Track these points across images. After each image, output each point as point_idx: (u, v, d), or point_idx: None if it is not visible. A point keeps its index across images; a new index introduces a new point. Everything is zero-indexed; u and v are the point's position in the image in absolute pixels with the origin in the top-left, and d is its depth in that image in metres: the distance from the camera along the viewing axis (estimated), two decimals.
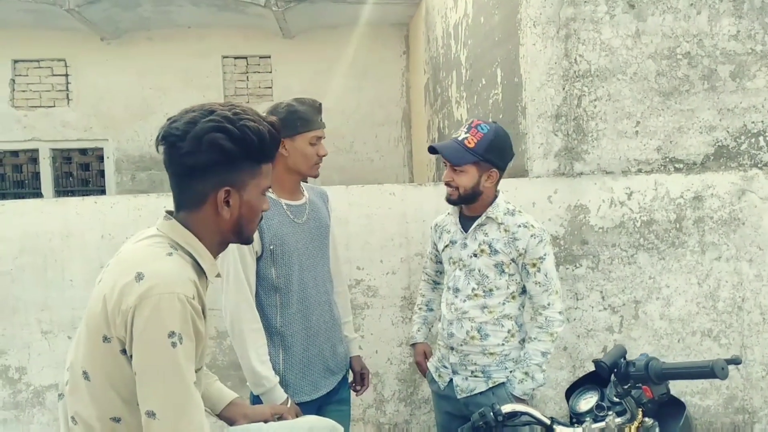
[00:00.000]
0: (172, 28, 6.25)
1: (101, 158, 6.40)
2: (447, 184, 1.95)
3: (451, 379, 2.02)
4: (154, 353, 1.09)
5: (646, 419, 1.39)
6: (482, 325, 1.95)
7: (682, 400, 2.85)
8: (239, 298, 1.73)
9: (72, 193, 6.28)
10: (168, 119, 1.21)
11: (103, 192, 6.29)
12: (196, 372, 1.25)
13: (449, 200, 1.98)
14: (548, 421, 1.47)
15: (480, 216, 1.96)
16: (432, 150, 1.95)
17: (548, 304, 1.93)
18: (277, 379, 1.74)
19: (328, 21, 6.25)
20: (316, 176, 1.91)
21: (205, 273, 1.24)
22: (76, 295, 2.59)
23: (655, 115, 2.84)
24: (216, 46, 6.37)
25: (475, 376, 1.97)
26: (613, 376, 1.34)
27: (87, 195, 5.50)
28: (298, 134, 1.82)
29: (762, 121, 2.89)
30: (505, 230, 1.93)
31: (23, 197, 5.99)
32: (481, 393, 1.96)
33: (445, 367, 2.05)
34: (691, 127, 2.86)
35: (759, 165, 2.89)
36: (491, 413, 1.49)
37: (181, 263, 1.16)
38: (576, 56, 2.80)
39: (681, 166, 2.87)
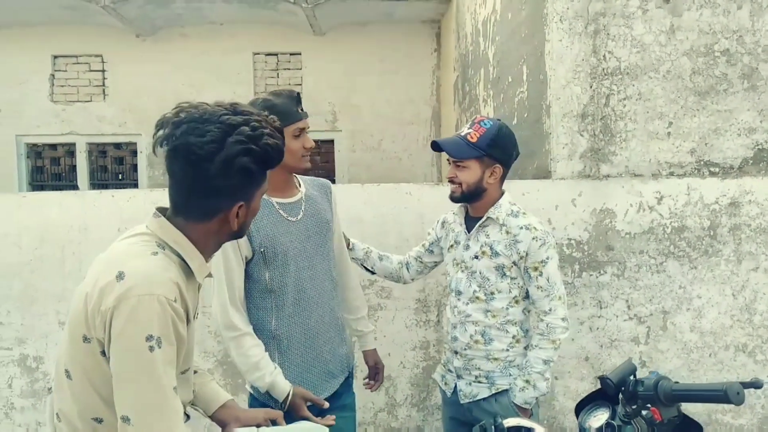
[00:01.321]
0: (205, 25, 6.32)
1: (135, 153, 6.52)
2: (450, 180, 1.91)
3: (456, 384, 1.98)
4: (130, 357, 1.06)
5: None
6: (486, 330, 1.90)
7: (714, 418, 2.70)
8: (224, 304, 1.68)
9: (106, 186, 6.42)
10: (171, 121, 1.16)
11: (136, 185, 6.41)
12: (183, 373, 1.23)
13: (452, 198, 1.94)
14: None
15: (481, 217, 1.92)
16: (435, 146, 1.91)
17: (550, 310, 1.86)
18: (275, 372, 1.69)
19: (359, 18, 6.21)
20: (306, 169, 1.83)
21: (193, 273, 1.21)
22: None
23: (689, 116, 2.69)
24: (247, 43, 6.40)
25: (479, 382, 1.93)
26: (621, 394, 1.24)
27: (120, 188, 5.63)
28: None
29: None
30: (507, 232, 1.88)
31: (61, 189, 6.16)
32: (484, 399, 1.91)
33: (450, 371, 2.02)
34: (729, 129, 2.69)
35: None
36: (492, 427, 1.41)
37: (165, 263, 1.13)
38: (605, 53, 2.67)
39: (717, 169, 2.71)
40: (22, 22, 6.10)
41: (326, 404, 1.72)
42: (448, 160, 1.92)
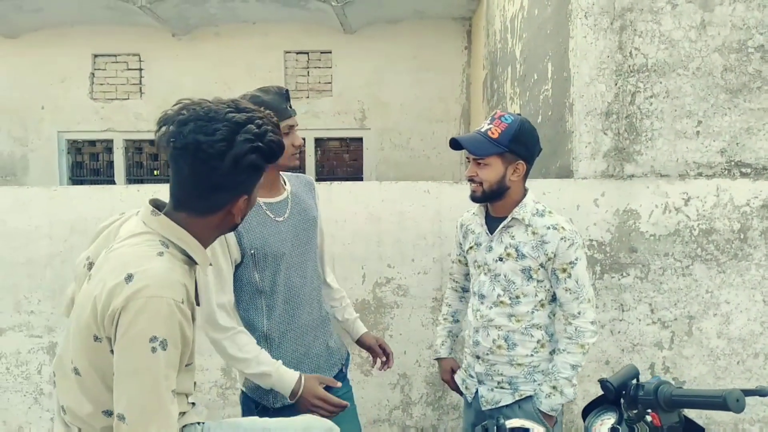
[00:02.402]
0: (238, 24, 6.43)
1: None
2: (470, 179, 1.82)
3: (477, 390, 1.92)
4: (132, 356, 1.07)
5: None
6: (510, 334, 1.83)
7: (740, 428, 2.60)
8: (210, 307, 1.63)
9: (141, 181, 6.61)
10: (176, 119, 1.18)
11: (167, 181, 6.58)
12: (187, 366, 1.25)
13: (473, 197, 1.84)
14: None
15: (506, 217, 1.83)
16: (454, 144, 1.84)
17: (579, 313, 1.79)
18: (277, 364, 1.65)
19: (389, 16, 6.22)
20: (295, 167, 1.83)
21: (194, 265, 1.24)
22: None
23: (719, 115, 2.59)
24: (279, 41, 6.49)
25: (501, 388, 1.86)
26: (622, 399, 1.21)
27: (155, 184, 5.79)
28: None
29: None
30: (533, 232, 1.79)
31: (99, 184, 6.37)
32: (507, 406, 1.84)
33: (471, 377, 1.95)
34: (762, 128, 2.59)
35: None
36: (495, 427, 1.40)
37: (171, 263, 1.15)
38: (631, 49, 2.60)
39: (748, 170, 2.61)
40: (64, 22, 6.33)
41: (339, 384, 1.73)
42: (467, 158, 1.85)
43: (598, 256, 2.58)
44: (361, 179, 6.44)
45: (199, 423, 1.33)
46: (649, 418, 1.14)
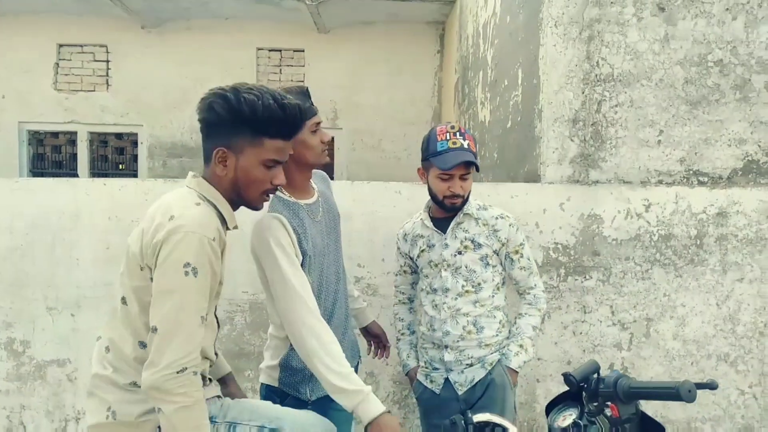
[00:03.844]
0: (210, 19, 6.35)
1: (135, 143, 6.56)
2: (456, 195, 1.95)
3: (447, 379, 2.02)
4: (168, 278, 1.25)
5: None
6: (477, 319, 2.00)
7: (693, 426, 2.71)
8: (311, 317, 1.60)
9: (105, 175, 6.46)
10: None
11: (135, 176, 6.45)
12: (204, 318, 1.35)
13: (454, 209, 2.00)
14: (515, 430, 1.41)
15: (454, 216, 2.02)
16: (467, 165, 1.93)
17: (534, 285, 2.07)
18: (369, 389, 1.57)
19: (363, 17, 6.24)
20: (326, 164, 1.87)
21: (226, 222, 1.43)
22: (82, 274, 2.64)
23: (680, 125, 2.70)
24: (251, 38, 6.44)
25: (471, 366, 2.01)
26: (583, 392, 1.26)
27: (120, 178, 5.69)
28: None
29: None
30: (484, 224, 2.02)
31: (61, 177, 6.19)
32: (480, 379, 2.00)
33: (436, 369, 2.05)
34: (719, 139, 2.70)
35: None
36: (462, 421, 1.43)
37: (207, 211, 1.35)
38: (598, 59, 2.68)
39: (705, 179, 2.72)
40: (28, 9, 6.15)
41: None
42: (447, 174, 1.91)
43: (562, 259, 2.65)
44: (332, 179, 6.43)
45: (219, 397, 1.48)
46: (608, 411, 1.19)
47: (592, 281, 2.66)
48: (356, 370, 1.96)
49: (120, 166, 6.60)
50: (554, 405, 1.51)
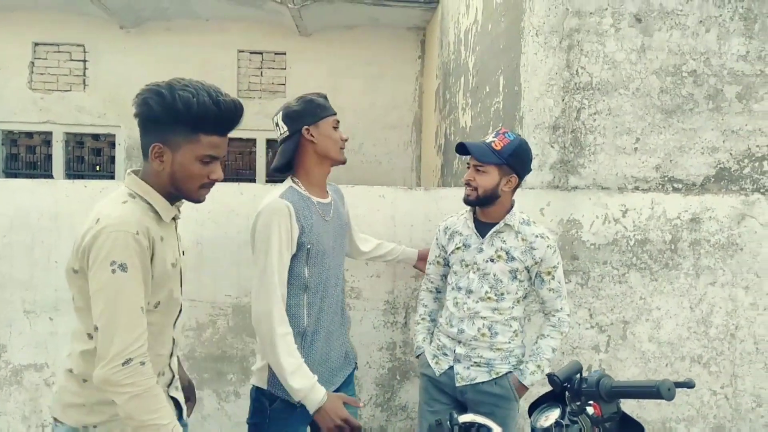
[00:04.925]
0: (191, 20, 6.32)
1: (113, 144, 6.47)
2: (467, 183, 2.02)
3: (451, 367, 2.09)
4: (98, 278, 1.31)
5: None
6: (493, 324, 2.06)
7: (668, 426, 2.78)
8: (271, 301, 1.67)
9: (82, 177, 6.36)
10: None
11: (113, 178, 6.36)
12: (155, 307, 1.45)
13: (467, 201, 2.04)
14: None
15: (497, 223, 2.05)
16: (460, 148, 1.99)
17: (560, 308, 2.11)
18: (314, 379, 1.69)
19: (345, 21, 6.27)
20: (344, 161, 1.91)
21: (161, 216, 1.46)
22: (61, 277, 2.59)
23: (655, 133, 2.78)
24: (233, 40, 6.42)
25: (478, 366, 2.06)
26: (566, 392, 1.30)
27: (97, 179, 5.61)
28: (320, 119, 1.85)
29: (767, 146, 2.81)
30: (523, 239, 2.04)
31: (35, 178, 6.06)
32: (483, 382, 2.06)
33: (446, 354, 2.12)
34: (693, 147, 2.79)
35: (761, 190, 2.81)
36: (448, 422, 1.46)
37: (132, 208, 1.38)
38: (578, 68, 2.75)
39: (680, 186, 2.80)
40: (3, 6, 6.03)
41: (360, 404, 1.88)
42: (467, 163, 2.04)
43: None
44: None
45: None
46: (590, 410, 1.23)
47: (571, 285, 2.72)
48: (351, 378, 2.01)
49: (97, 168, 6.50)
50: (537, 406, 1.55)
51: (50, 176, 6.23)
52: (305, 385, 1.67)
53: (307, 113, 1.83)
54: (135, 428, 1.33)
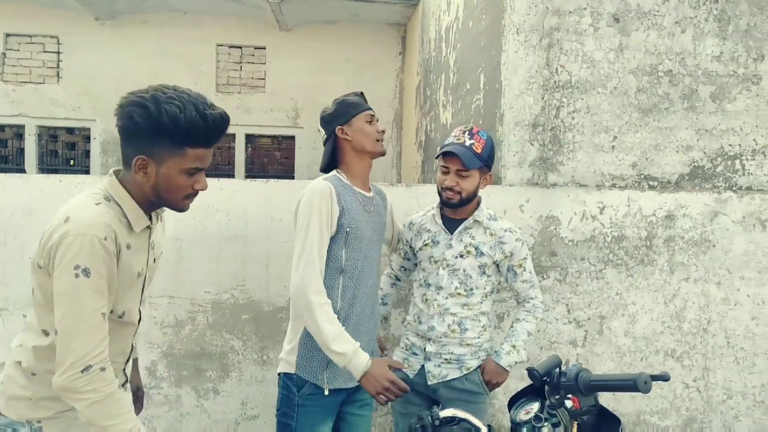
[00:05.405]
0: (168, 13, 6.22)
1: (88, 138, 6.35)
2: (449, 188, 2.00)
3: (423, 366, 2.09)
4: (61, 281, 1.28)
5: None
6: (463, 320, 2.06)
7: (642, 419, 2.84)
8: (309, 272, 1.72)
9: (55, 171, 6.23)
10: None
11: (87, 172, 6.25)
12: (120, 316, 1.42)
13: (449, 204, 2.03)
14: (485, 428, 1.45)
15: (465, 218, 2.06)
16: (445, 153, 1.99)
17: (534, 296, 2.16)
18: (357, 344, 1.71)
19: (326, 16, 6.24)
20: (383, 153, 1.96)
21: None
22: None
23: (632, 131, 2.83)
24: (211, 34, 6.34)
25: (449, 363, 2.07)
26: (546, 385, 1.32)
27: (71, 174, 5.48)
28: (352, 117, 1.91)
29: (739, 144, 2.88)
30: (491, 234, 2.06)
31: (6, 173, 5.93)
32: (454, 379, 2.06)
33: (415, 354, 2.12)
34: (668, 146, 2.85)
35: (733, 188, 2.88)
36: (429, 417, 1.47)
37: (103, 211, 1.34)
38: (557, 66, 2.78)
39: (655, 183, 2.86)
40: None
41: (404, 366, 2.01)
42: (444, 166, 2.01)
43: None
44: (293, 178, 6.41)
45: None
46: (569, 403, 1.25)
47: (549, 280, 2.76)
48: None
49: (71, 162, 6.38)
50: (516, 399, 1.57)
51: (22, 170, 6.08)
52: (348, 350, 1.68)
53: (339, 114, 1.91)
54: None
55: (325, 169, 1.96)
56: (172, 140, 1.32)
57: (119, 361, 1.49)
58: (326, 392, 1.79)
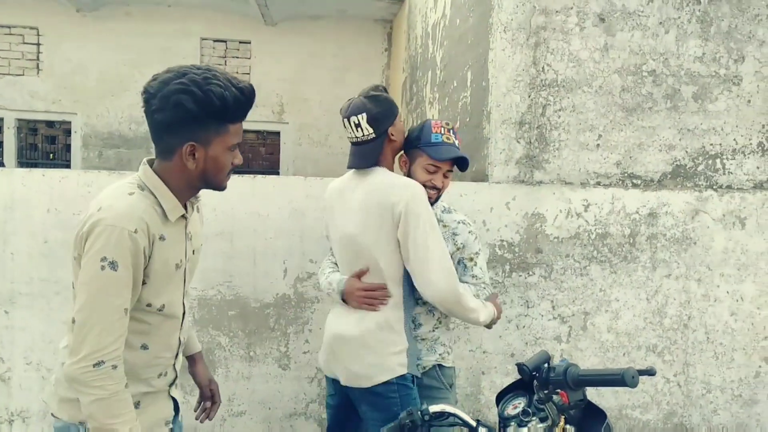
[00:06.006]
0: (152, 5, 6.14)
1: (68, 132, 6.25)
2: (435, 188, 1.98)
3: None
4: (86, 270, 1.28)
5: (568, 426, 1.39)
6: (416, 315, 2.00)
7: (624, 413, 2.89)
8: (453, 276, 1.84)
9: (35, 165, 6.12)
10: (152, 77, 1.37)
11: (68, 166, 6.15)
12: (160, 311, 1.40)
13: (431, 203, 1.97)
14: (474, 423, 1.47)
15: None
16: (462, 162, 2.00)
17: (477, 295, 2.02)
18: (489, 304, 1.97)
19: (311, 11, 6.21)
20: None
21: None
22: (17, 268, 2.51)
23: (617, 130, 2.87)
24: (196, 28, 6.28)
25: None
26: (535, 380, 1.34)
27: (51, 168, 5.40)
28: (395, 117, 1.95)
29: (720, 144, 2.94)
30: (444, 226, 2.02)
31: None
32: None
33: None
34: (651, 145, 2.89)
35: (714, 186, 2.93)
36: (418, 413, 1.48)
37: (137, 201, 1.33)
38: (544, 65, 2.81)
39: (639, 182, 2.90)
40: None
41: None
42: (434, 165, 1.96)
43: (507, 255, 2.76)
44: (278, 173, 6.38)
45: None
46: (557, 398, 1.27)
47: (534, 277, 2.79)
48: None
49: (51, 156, 6.27)
50: (504, 394, 1.59)
51: (1, 164, 5.97)
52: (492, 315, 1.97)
53: (391, 114, 1.92)
54: (94, 428, 1.30)
55: (370, 165, 1.92)
56: (217, 120, 1.34)
57: (166, 356, 1.47)
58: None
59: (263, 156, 6.60)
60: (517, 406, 1.51)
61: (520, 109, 2.80)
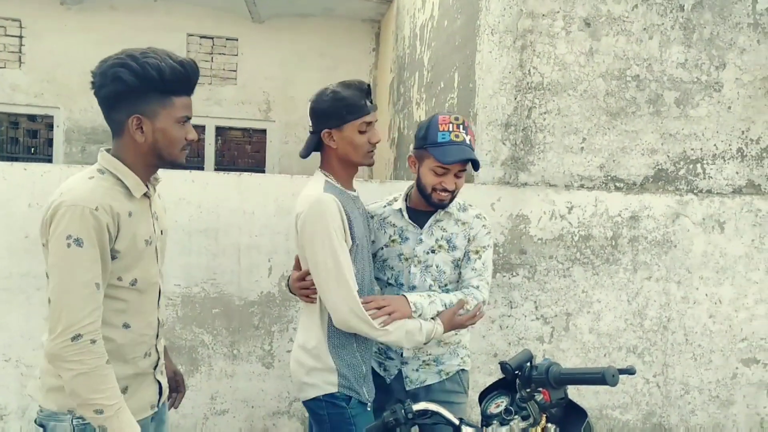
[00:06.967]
0: (138, 0, 6.08)
1: (51, 126, 6.16)
2: (446, 191, 1.84)
3: (400, 371, 1.97)
4: (54, 251, 1.31)
5: (549, 425, 1.41)
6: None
7: (604, 413, 2.93)
8: (350, 296, 1.65)
9: (17, 159, 6.02)
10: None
11: (50, 161, 6.06)
12: (132, 284, 1.42)
13: (443, 206, 1.89)
14: (457, 422, 1.48)
15: (433, 210, 1.91)
16: (466, 161, 1.82)
17: (477, 287, 1.90)
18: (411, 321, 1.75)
19: (299, 9, 6.19)
20: (371, 164, 1.80)
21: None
22: None
23: (600, 134, 2.90)
24: (182, 23, 6.21)
25: (427, 365, 1.96)
26: (517, 379, 1.36)
27: (33, 162, 5.31)
28: (345, 123, 1.71)
29: (701, 149, 2.99)
30: (462, 223, 1.93)
31: None
32: (433, 383, 1.96)
33: (391, 358, 1.98)
34: (634, 149, 2.94)
35: (695, 191, 2.99)
36: (402, 410, 1.49)
37: (97, 184, 1.38)
38: (530, 68, 2.83)
39: (621, 185, 2.94)
40: None
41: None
42: (443, 167, 1.81)
43: (492, 256, 2.78)
44: (263, 171, 6.35)
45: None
46: (540, 396, 1.29)
47: (518, 278, 2.81)
48: None
49: (32, 150, 6.17)
50: (487, 393, 1.61)
51: None
52: (436, 331, 1.77)
53: (333, 114, 1.71)
54: (79, 405, 1.32)
55: (305, 156, 1.84)
56: (158, 92, 1.38)
57: (149, 334, 1.49)
58: (368, 406, 1.77)
59: (249, 154, 6.56)
60: (499, 404, 1.53)
61: (506, 111, 2.83)
